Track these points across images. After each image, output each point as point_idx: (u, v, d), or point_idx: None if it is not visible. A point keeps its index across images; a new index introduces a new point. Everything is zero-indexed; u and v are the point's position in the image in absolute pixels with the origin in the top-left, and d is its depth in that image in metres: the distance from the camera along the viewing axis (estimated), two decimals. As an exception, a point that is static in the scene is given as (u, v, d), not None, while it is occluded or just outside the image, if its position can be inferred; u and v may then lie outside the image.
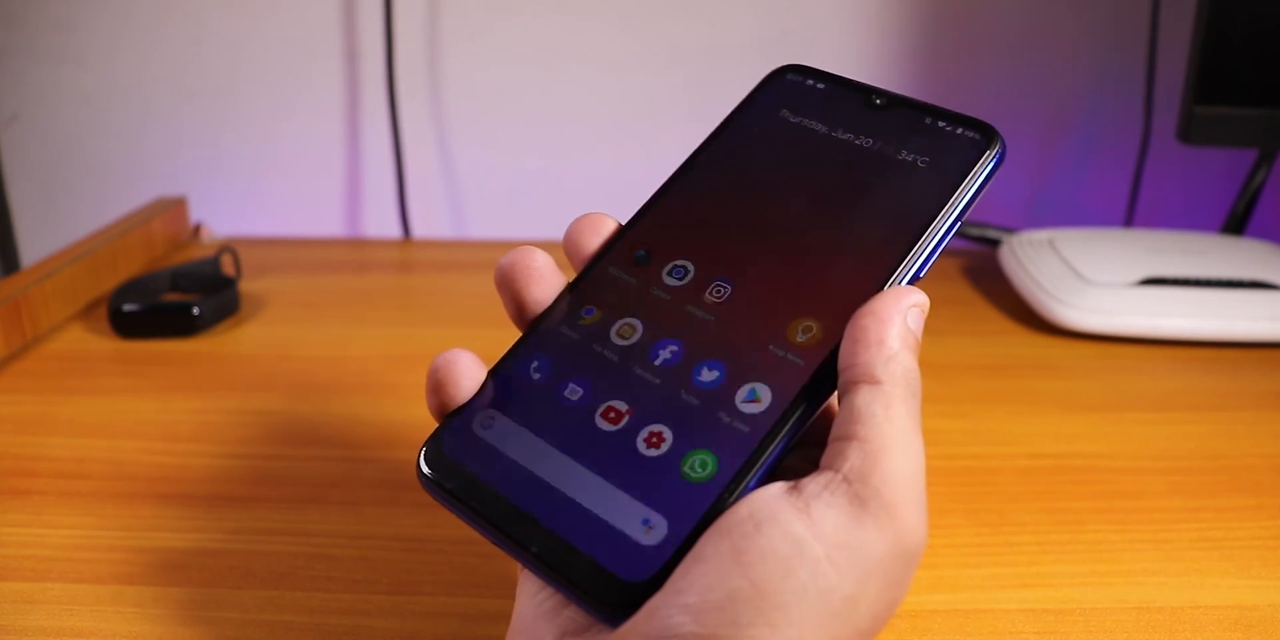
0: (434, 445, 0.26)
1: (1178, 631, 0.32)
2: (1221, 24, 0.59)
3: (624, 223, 0.29)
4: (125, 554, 0.35)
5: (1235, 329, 0.56)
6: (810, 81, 0.29)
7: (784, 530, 0.21)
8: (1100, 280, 0.58)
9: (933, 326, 0.59)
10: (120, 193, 0.77)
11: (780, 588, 0.20)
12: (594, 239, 0.28)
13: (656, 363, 0.25)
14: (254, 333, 0.56)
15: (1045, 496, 0.40)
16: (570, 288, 0.28)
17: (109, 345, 0.54)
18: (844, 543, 0.21)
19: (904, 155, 0.27)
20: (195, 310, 0.55)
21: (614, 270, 0.28)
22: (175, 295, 0.61)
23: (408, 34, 0.74)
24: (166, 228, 0.71)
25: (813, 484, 0.22)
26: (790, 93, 0.29)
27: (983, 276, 0.68)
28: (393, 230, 0.79)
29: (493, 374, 0.27)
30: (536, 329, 0.27)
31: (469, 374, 0.26)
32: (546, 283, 0.27)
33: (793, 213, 0.27)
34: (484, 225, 0.80)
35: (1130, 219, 0.77)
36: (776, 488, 0.22)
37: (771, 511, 0.21)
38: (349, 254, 0.73)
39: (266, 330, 0.57)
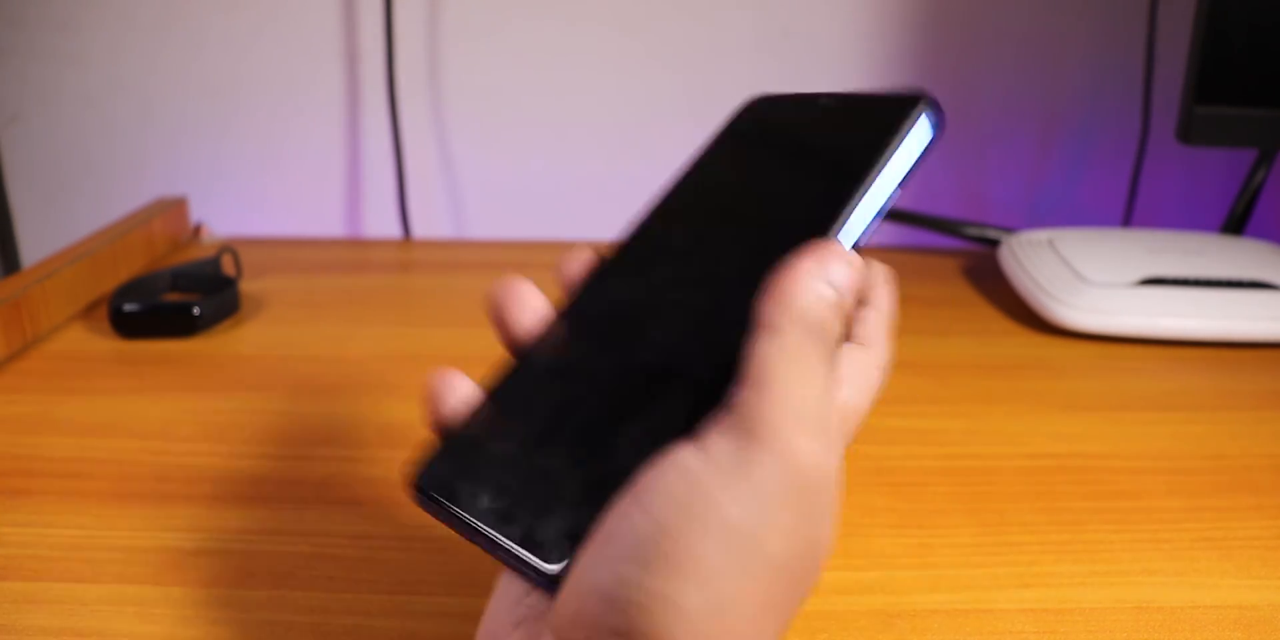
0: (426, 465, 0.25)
1: (1178, 631, 0.32)
2: (1221, 24, 0.59)
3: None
4: (125, 554, 0.35)
5: (1235, 329, 0.56)
6: (776, 104, 0.31)
7: (678, 466, 0.21)
8: (1099, 280, 0.58)
9: (933, 326, 0.59)
10: (120, 193, 0.77)
11: (678, 523, 0.20)
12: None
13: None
14: (254, 333, 0.56)
15: (1045, 496, 0.40)
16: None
17: (109, 345, 0.54)
18: (734, 470, 0.20)
19: (839, 138, 0.28)
20: (195, 310, 0.55)
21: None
22: (175, 295, 0.61)
23: (408, 34, 0.75)
24: (167, 228, 0.71)
25: (708, 422, 0.22)
26: (758, 116, 0.30)
27: (982, 276, 0.68)
28: (393, 230, 0.79)
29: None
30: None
31: (458, 393, 0.26)
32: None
33: (756, 222, 0.27)
34: (484, 225, 0.80)
35: (1129, 219, 0.78)
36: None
37: (669, 452, 0.21)
38: (349, 254, 0.73)
39: (266, 330, 0.57)
